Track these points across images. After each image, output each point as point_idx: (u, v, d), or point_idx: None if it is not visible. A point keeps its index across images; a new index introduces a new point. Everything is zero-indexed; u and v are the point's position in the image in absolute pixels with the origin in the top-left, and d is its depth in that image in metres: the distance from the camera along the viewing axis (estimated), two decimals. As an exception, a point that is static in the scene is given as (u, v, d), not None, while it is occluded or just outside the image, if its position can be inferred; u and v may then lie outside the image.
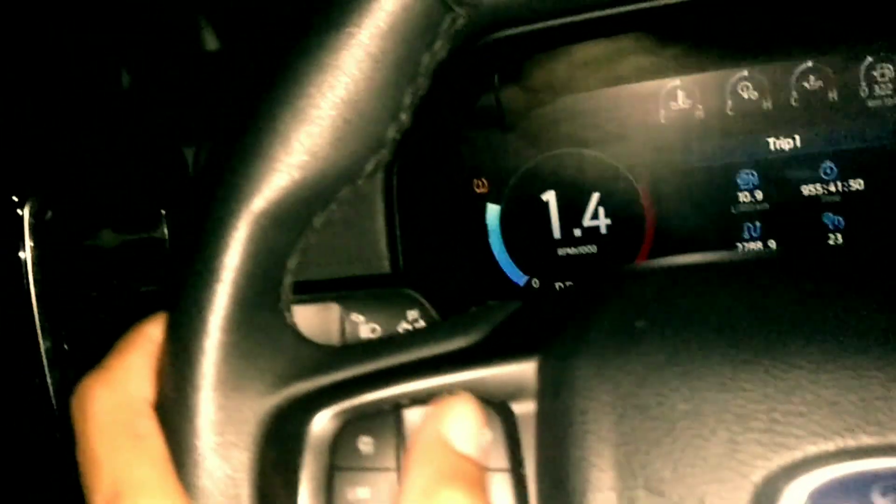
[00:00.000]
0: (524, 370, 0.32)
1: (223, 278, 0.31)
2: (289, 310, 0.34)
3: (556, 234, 0.66)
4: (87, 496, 0.31)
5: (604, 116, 0.65)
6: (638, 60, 0.64)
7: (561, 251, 0.67)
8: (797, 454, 0.28)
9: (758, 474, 0.28)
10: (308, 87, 0.32)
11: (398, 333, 0.36)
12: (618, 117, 0.65)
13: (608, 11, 0.50)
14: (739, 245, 0.65)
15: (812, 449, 0.28)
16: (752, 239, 0.65)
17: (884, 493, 0.27)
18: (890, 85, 0.61)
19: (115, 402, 0.32)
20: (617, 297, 0.33)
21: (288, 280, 0.33)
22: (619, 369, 0.30)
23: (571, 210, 0.66)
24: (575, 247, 0.66)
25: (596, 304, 0.33)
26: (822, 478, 0.28)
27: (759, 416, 0.28)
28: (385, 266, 0.52)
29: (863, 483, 0.28)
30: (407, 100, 0.34)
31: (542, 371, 0.32)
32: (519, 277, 0.68)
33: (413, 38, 0.32)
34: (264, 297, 0.32)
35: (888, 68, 0.61)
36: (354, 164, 0.33)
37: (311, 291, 0.47)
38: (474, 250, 0.67)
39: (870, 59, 0.61)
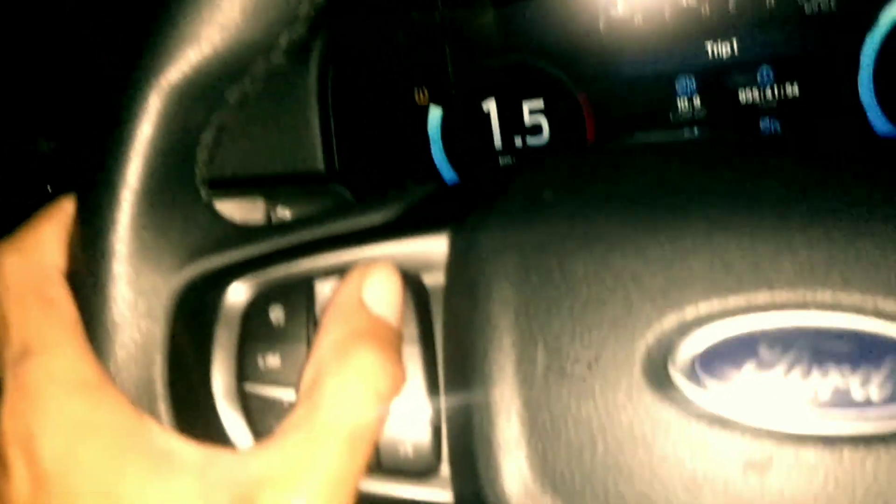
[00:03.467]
0: (436, 243, 0.33)
1: (134, 150, 0.31)
2: (205, 186, 0.34)
3: (498, 143, 0.67)
4: None
5: (543, 24, 0.65)
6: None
7: (502, 160, 0.67)
8: (689, 312, 0.29)
9: (651, 332, 0.29)
10: None
11: (316, 211, 0.37)
12: (557, 25, 0.65)
13: None
14: (678, 153, 0.66)
15: (704, 307, 0.29)
16: (691, 146, 0.65)
17: (770, 348, 0.28)
18: (826, -10, 0.61)
19: (26, 268, 0.32)
20: (527, 175, 0.34)
21: (202, 156, 0.33)
22: (524, 237, 0.31)
23: (512, 119, 0.66)
24: (515, 156, 0.67)
25: (507, 182, 0.34)
26: (713, 335, 0.29)
27: (655, 276, 0.29)
28: (319, 167, 0.52)
29: (752, 339, 0.29)
30: (321, -27, 0.33)
31: (452, 243, 0.32)
32: (461, 187, 0.68)
33: None
34: (177, 171, 0.33)
35: (825, -27, 0.61)
36: (266, 37, 0.32)
37: (242, 186, 0.48)
38: (414, 158, 0.67)
39: (807, -36, 0.61)
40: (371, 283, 0.31)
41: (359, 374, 0.29)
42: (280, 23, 0.32)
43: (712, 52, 0.64)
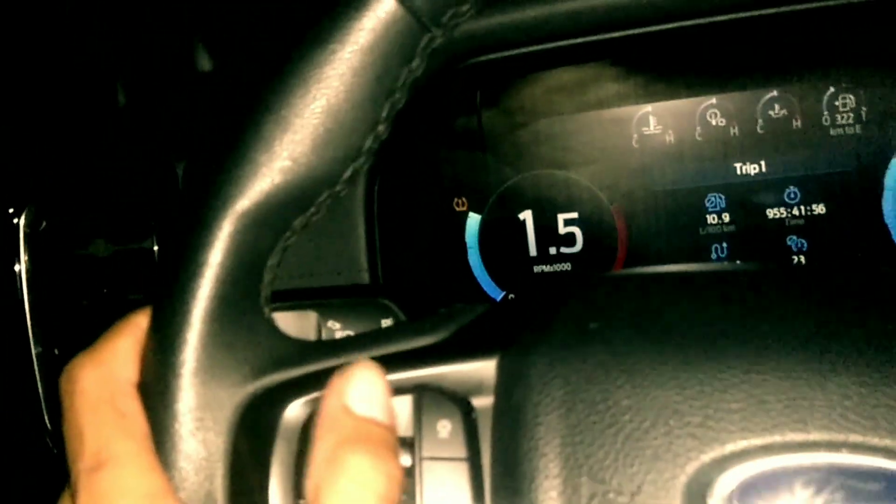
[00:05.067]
0: (485, 367, 0.35)
1: (206, 273, 0.33)
2: (268, 305, 0.36)
3: (533, 251, 0.69)
4: (70, 466, 0.33)
5: (579, 139, 0.68)
6: (612, 87, 0.66)
7: (536, 268, 0.69)
8: (728, 448, 0.30)
9: (691, 466, 0.30)
10: (292, 97, 0.34)
11: (371, 330, 0.39)
12: (592, 140, 0.67)
13: (580, 40, 0.53)
14: (708, 265, 0.68)
15: (742, 443, 0.30)
16: (720, 259, 0.67)
17: (805, 486, 0.30)
18: (851, 114, 0.64)
19: (101, 380, 0.34)
20: (573, 301, 0.36)
21: (268, 277, 0.36)
22: (570, 366, 0.32)
23: (547, 229, 0.69)
24: (550, 264, 0.69)
25: (554, 308, 0.36)
26: (750, 470, 0.30)
27: (695, 412, 0.31)
28: (365, 277, 0.54)
29: (787, 476, 0.30)
30: (384, 112, 0.36)
31: (500, 368, 0.34)
32: (496, 293, 0.70)
33: (391, 55, 0.35)
34: (245, 292, 0.35)
35: (850, 98, 0.64)
36: (333, 170, 0.35)
37: (291, 300, 0.50)
38: (453, 266, 0.69)
39: (832, 89, 0.64)
40: (352, 386, 0.32)
41: (354, 481, 0.30)
42: (347, 158, 0.35)
43: (741, 170, 0.66)
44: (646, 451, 0.30)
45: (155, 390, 0.34)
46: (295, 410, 0.34)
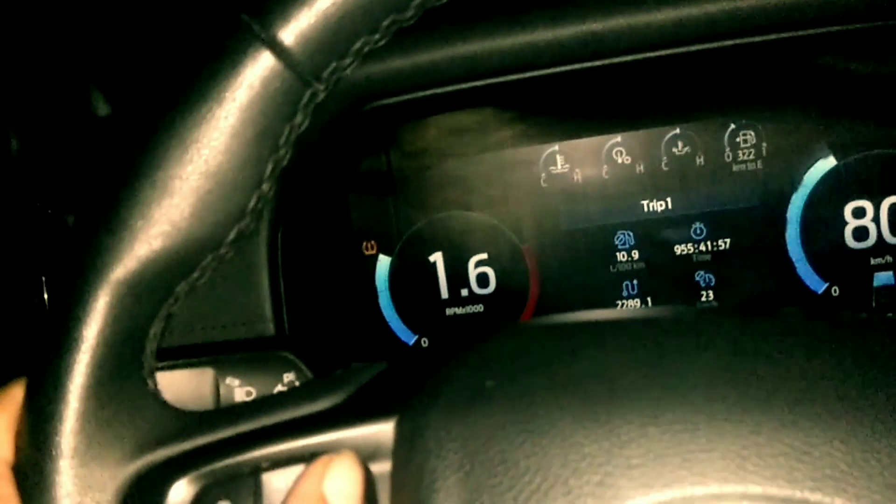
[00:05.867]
0: (382, 431, 0.33)
1: (81, 347, 0.32)
2: (152, 376, 0.34)
3: (444, 294, 0.68)
4: None
5: (488, 180, 0.67)
6: (518, 126, 0.67)
7: (449, 311, 0.68)
8: (628, 505, 0.29)
9: (593, 526, 0.29)
10: (169, 159, 0.33)
11: (262, 397, 0.37)
12: (501, 181, 0.67)
13: (479, 83, 0.53)
14: (619, 302, 0.68)
15: (641, 501, 0.30)
16: (631, 296, 0.68)
17: (708, 540, 0.29)
18: (752, 150, 0.65)
19: None
20: (470, 359, 0.35)
21: (151, 346, 0.34)
22: (467, 428, 0.31)
23: (458, 271, 0.68)
24: (462, 306, 0.68)
25: (450, 366, 0.35)
26: (652, 526, 0.30)
27: (595, 470, 0.30)
28: (270, 328, 0.53)
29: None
30: (268, 170, 0.35)
31: (397, 431, 0.33)
32: (408, 336, 0.69)
33: (272, 111, 0.34)
34: (125, 365, 0.33)
35: (749, 134, 0.65)
36: (216, 233, 0.34)
37: (191, 356, 0.48)
38: (364, 311, 0.68)
39: (732, 125, 0.65)
40: (333, 475, 0.32)
41: None
42: (230, 220, 0.34)
43: (648, 207, 0.67)
44: (545, 514, 0.30)
45: (30, 473, 0.32)
46: (182, 487, 0.33)
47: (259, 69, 0.32)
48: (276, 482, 0.33)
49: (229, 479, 0.33)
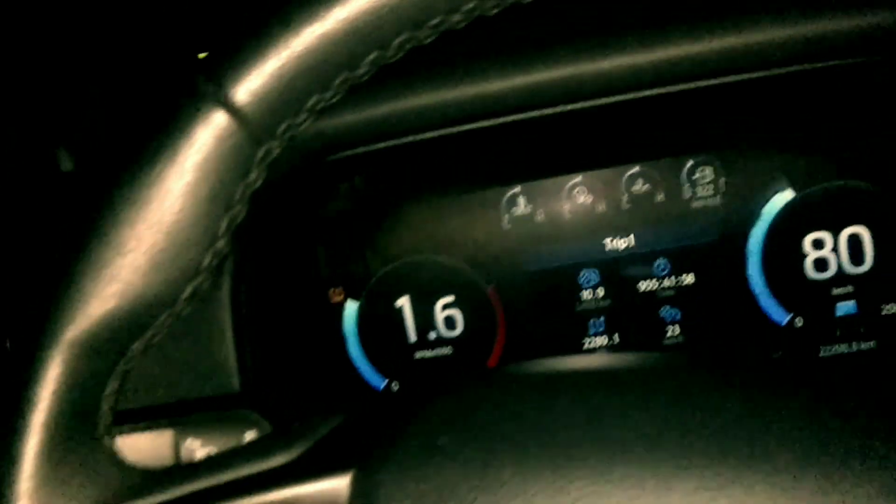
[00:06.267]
0: (338, 486, 0.33)
1: (35, 408, 0.32)
2: (108, 433, 0.34)
3: (412, 338, 0.68)
4: None
5: (452, 223, 0.68)
6: (481, 169, 0.67)
7: (417, 354, 0.68)
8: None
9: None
10: (122, 218, 0.33)
11: (218, 453, 0.37)
12: (464, 223, 0.68)
13: (438, 132, 0.53)
14: (586, 340, 0.68)
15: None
16: (598, 334, 0.68)
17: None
18: (711, 186, 0.66)
19: None
20: (423, 415, 0.35)
21: (106, 405, 0.34)
22: (420, 485, 0.31)
23: (426, 314, 0.68)
24: (431, 349, 0.68)
25: (404, 423, 0.35)
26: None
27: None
28: (234, 383, 0.52)
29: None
30: (223, 227, 0.35)
31: (353, 487, 0.33)
32: (378, 381, 0.69)
33: (225, 170, 0.34)
34: (79, 425, 0.33)
35: (708, 170, 0.66)
36: (171, 291, 0.34)
37: (153, 416, 0.47)
38: (332, 358, 0.68)
39: (691, 161, 0.66)
40: None
41: None
42: (184, 277, 0.34)
43: (611, 245, 0.67)
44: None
45: (-17, 537, 0.31)
46: (138, 549, 0.33)
47: (212, 128, 0.33)
48: (234, 541, 0.33)
49: (186, 538, 0.33)
